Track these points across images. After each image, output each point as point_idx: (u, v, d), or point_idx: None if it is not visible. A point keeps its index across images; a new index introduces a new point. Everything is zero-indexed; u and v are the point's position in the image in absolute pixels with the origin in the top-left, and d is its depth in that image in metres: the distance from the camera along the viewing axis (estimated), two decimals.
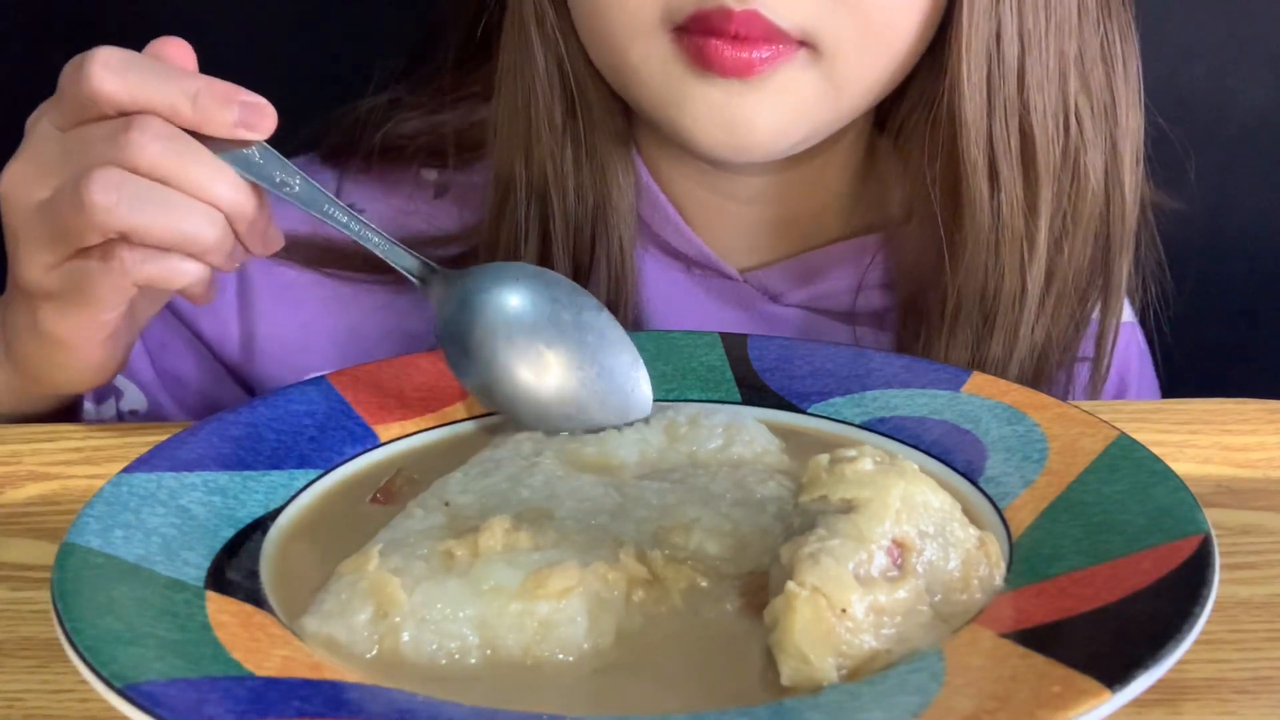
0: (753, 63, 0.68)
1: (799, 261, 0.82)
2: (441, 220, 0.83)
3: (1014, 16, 0.71)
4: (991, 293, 0.75)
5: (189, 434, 0.53)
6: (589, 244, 0.79)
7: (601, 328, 0.60)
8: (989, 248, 0.74)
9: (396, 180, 0.84)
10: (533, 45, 0.76)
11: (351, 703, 0.38)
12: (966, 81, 0.71)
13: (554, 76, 0.76)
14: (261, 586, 0.45)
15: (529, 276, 0.59)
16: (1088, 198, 0.75)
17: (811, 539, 0.43)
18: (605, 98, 0.77)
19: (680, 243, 0.81)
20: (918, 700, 0.38)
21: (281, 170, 0.58)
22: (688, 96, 0.70)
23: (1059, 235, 0.75)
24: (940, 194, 0.75)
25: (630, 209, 0.80)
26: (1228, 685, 0.43)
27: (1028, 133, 0.73)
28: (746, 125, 0.70)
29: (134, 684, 0.37)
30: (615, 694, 0.41)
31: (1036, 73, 0.72)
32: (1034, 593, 0.44)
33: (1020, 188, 0.73)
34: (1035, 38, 0.72)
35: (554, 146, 0.77)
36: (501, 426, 0.58)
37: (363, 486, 0.54)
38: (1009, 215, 0.73)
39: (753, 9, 0.67)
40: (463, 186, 0.84)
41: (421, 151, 0.83)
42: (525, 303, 0.59)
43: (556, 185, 0.77)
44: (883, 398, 0.59)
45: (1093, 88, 0.74)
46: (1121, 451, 0.51)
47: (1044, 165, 0.73)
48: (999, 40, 0.71)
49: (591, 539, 0.48)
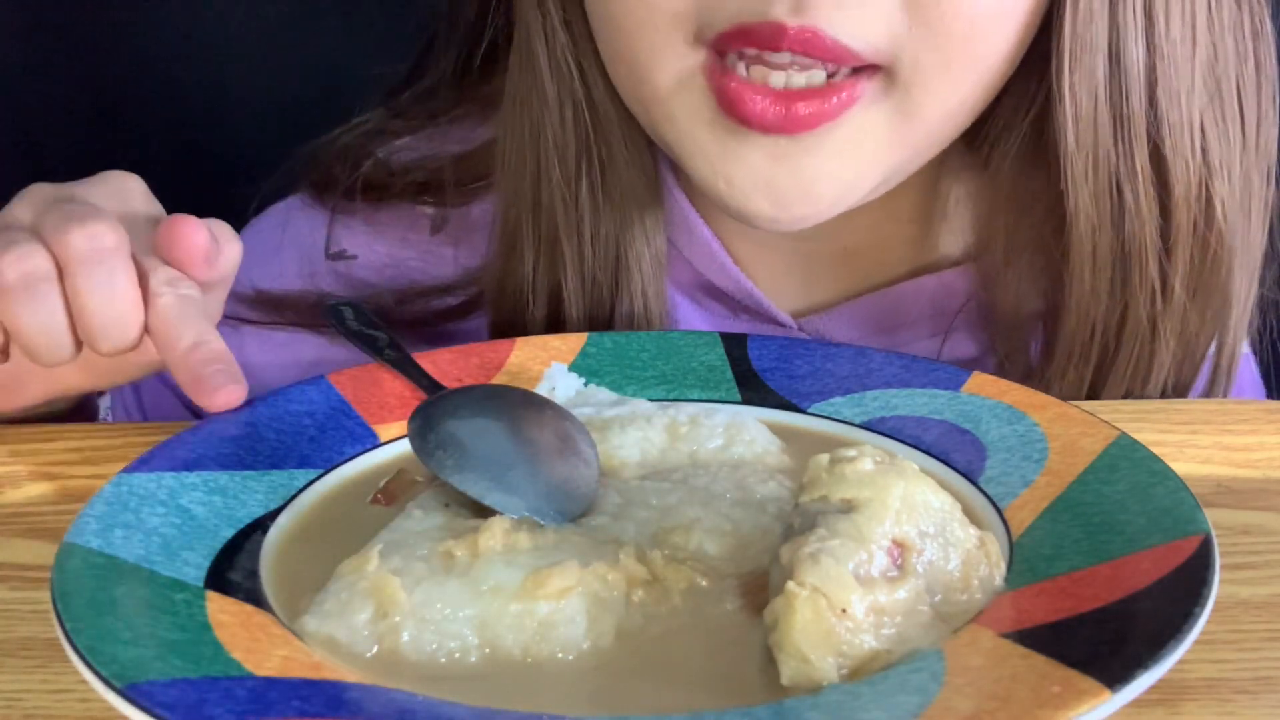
0: (803, 119, 0.56)
1: (861, 305, 0.71)
2: (438, 267, 0.75)
3: (1138, 16, 0.60)
4: (1114, 335, 0.65)
5: (189, 434, 0.53)
6: (608, 299, 0.69)
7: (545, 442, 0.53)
8: (1112, 288, 0.63)
9: (388, 221, 0.76)
10: (541, 72, 0.66)
11: (351, 702, 0.38)
12: (1069, 97, 0.60)
13: (566, 109, 0.66)
14: (261, 586, 0.45)
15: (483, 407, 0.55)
16: (1217, 226, 0.63)
17: (811, 539, 0.43)
18: (629, 126, 0.67)
19: (727, 284, 0.71)
20: (918, 700, 0.38)
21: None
22: (724, 155, 0.59)
23: (1196, 271, 0.64)
24: (1042, 213, 0.65)
25: (657, 257, 0.69)
26: (1228, 685, 0.43)
27: (1163, 157, 0.62)
28: (799, 194, 0.59)
29: (134, 684, 0.37)
30: (615, 694, 0.41)
31: (1170, 83, 0.61)
32: (1034, 593, 0.44)
33: (1155, 222, 0.62)
34: (1169, 40, 0.60)
35: (565, 190, 0.67)
36: None
37: (363, 486, 0.54)
38: (1139, 254, 0.63)
39: (813, 26, 0.55)
40: (458, 225, 0.75)
41: (411, 187, 0.75)
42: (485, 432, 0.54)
43: (568, 234, 0.67)
44: (883, 398, 0.59)
45: (1227, 99, 0.63)
46: (1121, 451, 0.51)
47: (1181, 194, 0.62)
48: (1119, 46, 0.60)
49: (591, 539, 0.48)
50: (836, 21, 0.56)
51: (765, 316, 0.71)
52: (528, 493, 0.50)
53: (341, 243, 0.76)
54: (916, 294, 0.71)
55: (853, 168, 0.59)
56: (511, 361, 0.63)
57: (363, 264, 0.77)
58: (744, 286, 0.70)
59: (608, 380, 0.62)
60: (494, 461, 0.51)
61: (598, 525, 0.49)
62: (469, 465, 0.51)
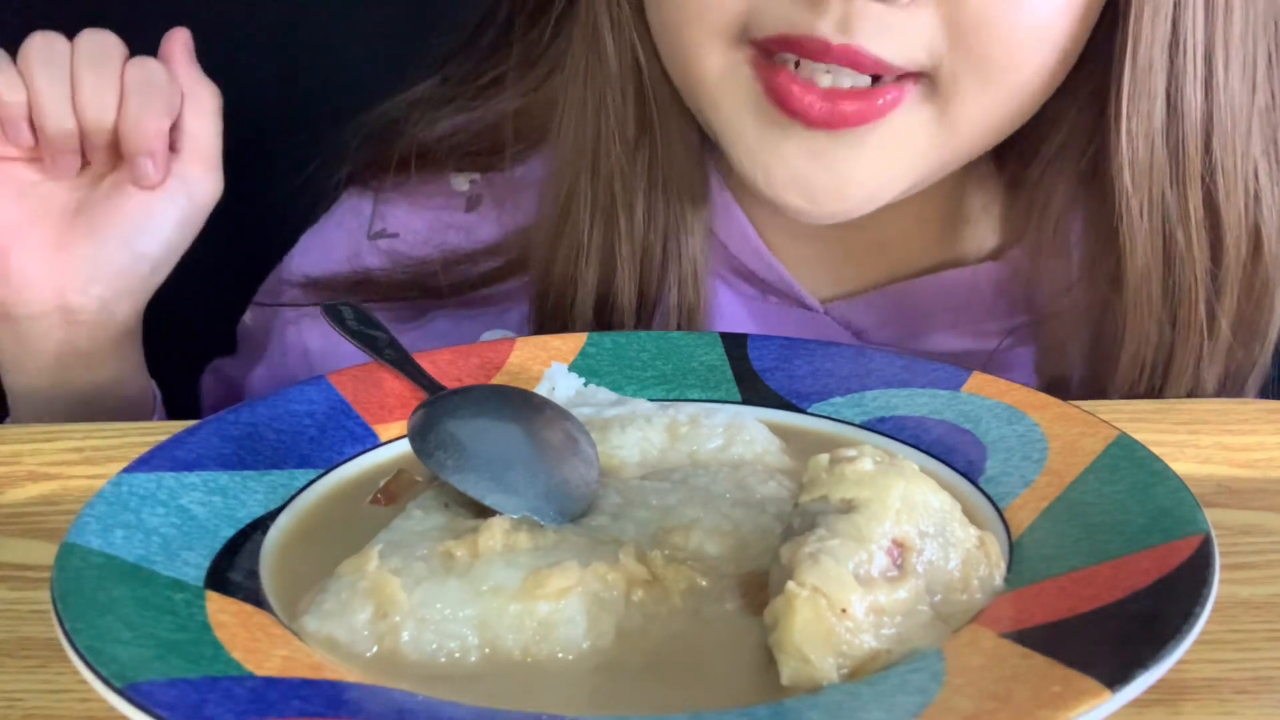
0: (848, 116, 0.58)
1: (887, 294, 0.74)
2: (480, 230, 0.77)
3: (1198, 65, 0.60)
4: (1161, 372, 0.66)
5: (189, 434, 0.53)
6: (657, 270, 0.71)
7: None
8: (1161, 326, 0.64)
9: (430, 192, 0.79)
10: (606, 47, 0.68)
11: (351, 702, 0.38)
12: (1126, 142, 0.61)
13: (628, 83, 0.68)
14: (261, 586, 0.45)
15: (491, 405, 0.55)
16: (1264, 270, 0.64)
17: (811, 539, 0.43)
18: (682, 112, 0.69)
19: (759, 267, 0.73)
20: (918, 700, 0.38)
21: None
22: (764, 145, 0.61)
23: (1243, 313, 0.65)
24: (1094, 255, 0.66)
25: (705, 235, 0.72)
26: (1228, 685, 0.43)
27: (1215, 204, 0.62)
28: (832, 191, 0.61)
29: (134, 684, 0.37)
30: (615, 694, 0.41)
31: (1226, 130, 0.61)
32: (1034, 593, 0.44)
33: (1205, 266, 0.63)
34: (1227, 89, 0.61)
35: (624, 163, 0.69)
36: None
37: (363, 487, 0.54)
38: (1188, 297, 0.63)
39: (856, 45, 0.57)
40: (500, 185, 0.77)
41: (455, 151, 0.77)
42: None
43: (624, 203, 0.69)
44: (883, 398, 0.59)
45: (1277, 148, 0.64)
46: (1121, 451, 0.51)
47: (1231, 241, 0.63)
48: (1179, 93, 0.60)
49: (591, 539, 0.48)
50: (878, 41, 0.57)
51: (794, 299, 0.73)
52: (528, 493, 0.50)
53: (385, 219, 0.79)
54: (939, 287, 0.73)
55: (887, 170, 0.61)
56: (511, 361, 0.63)
57: (404, 239, 0.79)
58: (775, 269, 0.72)
59: (608, 380, 0.62)
60: (494, 461, 0.51)
61: (598, 525, 0.49)
62: (469, 465, 0.51)
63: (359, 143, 0.80)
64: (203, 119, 0.72)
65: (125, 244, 0.72)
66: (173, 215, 0.72)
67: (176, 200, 0.72)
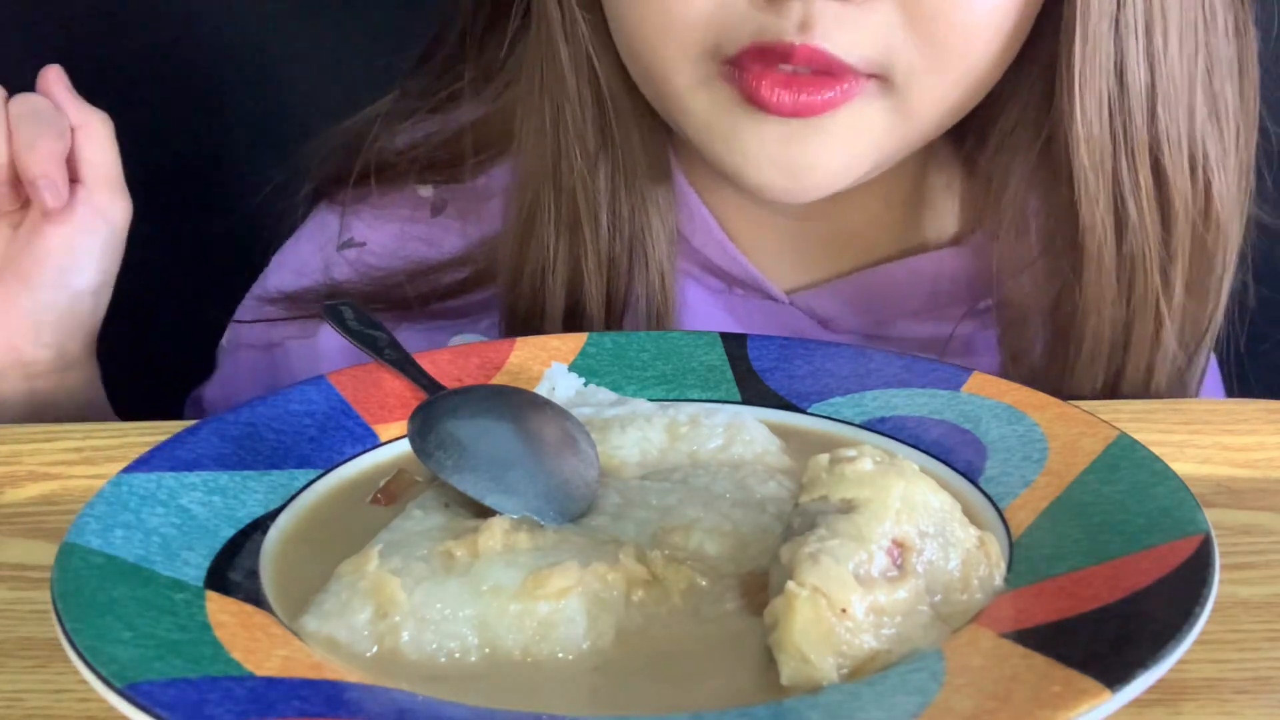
0: (814, 105, 0.61)
1: (851, 282, 0.75)
2: (445, 241, 0.78)
3: (1139, 38, 0.63)
4: (1122, 342, 0.68)
5: (189, 434, 0.53)
6: (624, 277, 0.72)
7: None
8: (1118, 297, 0.67)
9: (394, 202, 0.80)
10: (561, 62, 0.69)
11: (351, 702, 0.38)
12: (1080, 120, 0.63)
13: (586, 95, 0.69)
14: (261, 586, 0.45)
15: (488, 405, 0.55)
16: (1212, 231, 0.67)
17: (811, 539, 0.43)
18: (643, 116, 0.70)
19: (725, 262, 0.75)
20: (918, 700, 0.38)
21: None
22: (738, 133, 0.63)
23: (1195, 277, 0.67)
24: (1050, 230, 0.68)
25: (671, 238, 0.73)
26: (1228, 685, 0.43)
27: (1162, 171, 0.65)
28: (808, 168, 0.63)
29: (134, 684, 0.37)
30: (615, 694, 0.41)
31: (1169, 99, 0.64)
32: (1034, 593, 0.44)
33: (1157, 233, 0.65)
34: (1166, 58, 0.63)
35: (586, 174, 0.70)
36: None
37: (363, 487, 0.54)
38: (1142, 264, 0.66)
39: (815, 45, 0.60)
40: (464, 197, 0.78)
41: (417, 163, 0.78)
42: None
43: (589, 215, 0.70)
44: (883, 398, 0.59)
45: (1220, 105, 0.66)
46: (1121, 451, 0.51)
47: (1180, 205, 0.65)
48: (1122, 67, 0.63)
49: (591, 539, 0.48)
50: (836, 38, 0.60)
51: (760, 291, 0.75)
52: (528, 493, 0.50)
53: (352, 229, 0.80)
54: (903, 273, 0.75)
55: (849, 151, 0.64)
56: (511, 361, 0.63)
57: (372, 250, 0.80)
58: (740, 263, 0.74)
59: (608, 380, 0.62)
60: (494, 461, 0.51)
61: (598, 525, 0.49)
62: (469, 465, 0.51)
63: (322, 158, 0.81)
64: (98, 145, 0.72)
65: (61, 285, 0.72)
66: (96, 245, 0.72)
67: (95, 230, 0.72)
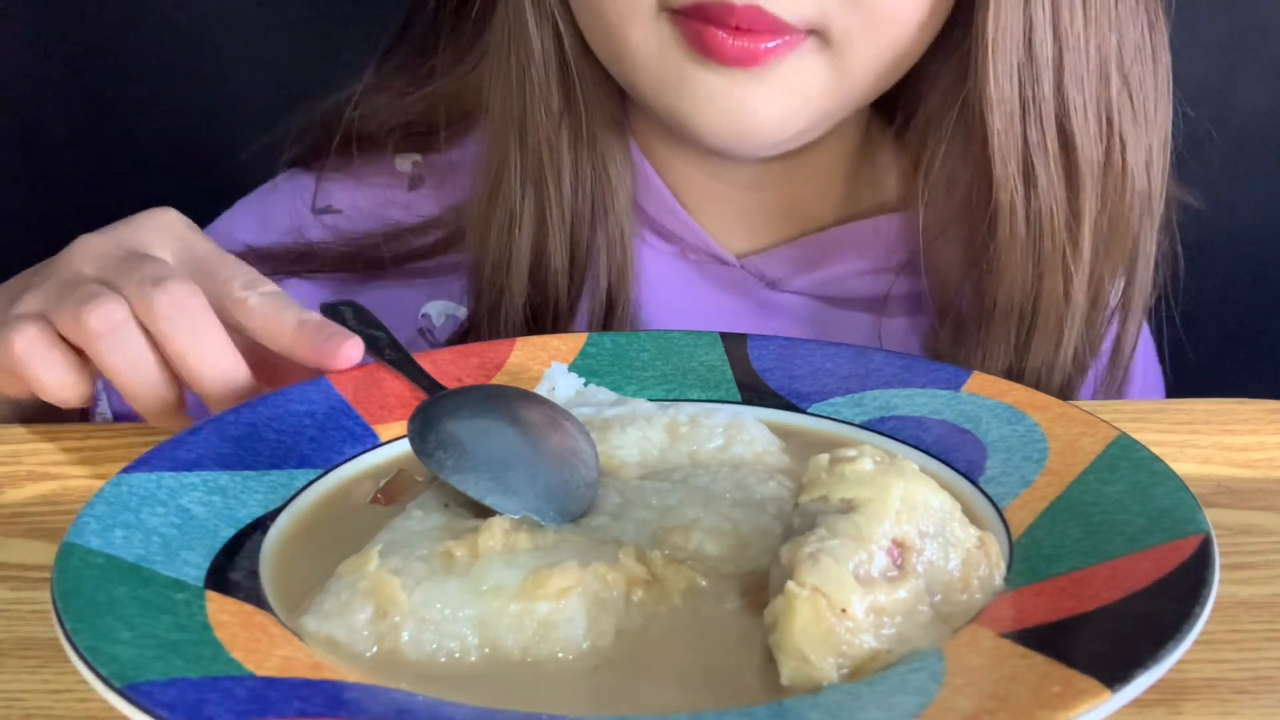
0: (757, 53, 0.67)
1: (797, 246, 0.81)
2: (422, 206, 0.82)
3: (1047, 12, 0.68)
4: (1032, 299, 0.73)
5: (189, 434, 0.53)
6: (587, 233, 0.77)
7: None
8: (1027, 254, 0.72)
9: (372, 171, 0.83)
10: (528, 23, 0.74)
11: (351, 702, 0.38)
12: (993, 84, 0.69)
13: (550, 57, 0.74)
14: (261, 586, 0.45)
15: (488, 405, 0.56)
16: (1127, 198, 0.72)
17: (811, 539, 0.43)
18: (602, 82, 0.75)
19: (677, 227, 0.79)
20: (918, 700, 0.38)
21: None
22: (687, 82, 0.68)
23: (1104, 239, 0.73)
24: (970, 193, 0.73)
25: (629, 198, 0.78)
26: (1228, 685, 0.43)
27: (1068, 135, 0.70)
28: (749, 114, 0.68)
29: (134, 684, 0.37)
30: (614, 694, 0.41)
31: (1076, 70, 0.69)
32: (1034, 593, 0.44)
33: (1062, 193, 0.71)
34: (1073, 32, 0.69)
35: (550, 131, 0.75)
36: None
37: (363, 486, 0.54)
38: (1050, 223, 0.71)
39: (755, 4, 0.65)
40: (440, 167, 0.82)
41: (394, 134, 0.82)
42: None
43: (553, 171, 0.75)
44: (883, 397, 0.59)
45: (1132, 82, 0.72)
46: (1121, 451, 0.51)
47: (1086, 169, 0.71)
48: (1030, 38, 0.69)
49: (591, 539, 0.48)
50: (777, 2, 0.65)
51: (712, 256, 0.80)
52: (527, 493, 0.50)
53: (331, 195, 0.83)
54: (846, 238, 0.80)
55: (790, 102, 0.69)
56: (511, 361, 0.63)
57: (348, 215, 0.82)
58: (691, 227, 0.79)
59: (608, 380, 0.62)
60: (494, 462, 0.51)
61: (598, 525, 0.49)
62: (469, 465, 0.51)
63: (300, 129, 0.83)
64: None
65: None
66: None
67: None
